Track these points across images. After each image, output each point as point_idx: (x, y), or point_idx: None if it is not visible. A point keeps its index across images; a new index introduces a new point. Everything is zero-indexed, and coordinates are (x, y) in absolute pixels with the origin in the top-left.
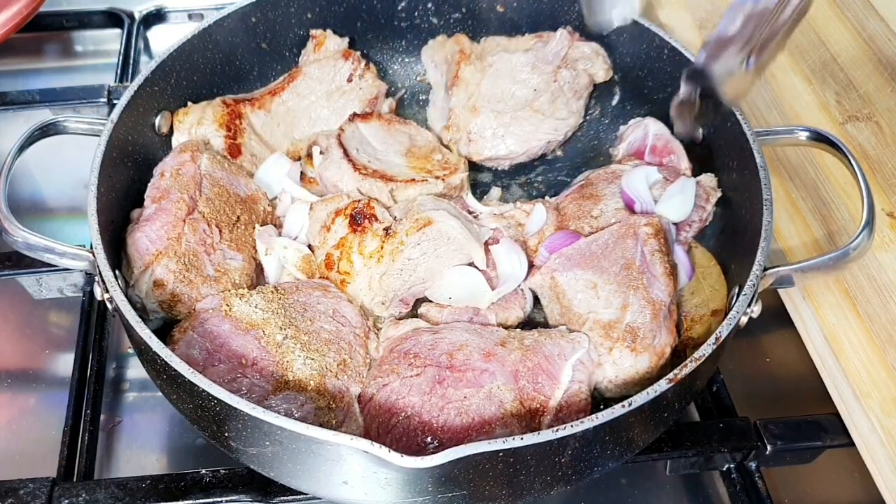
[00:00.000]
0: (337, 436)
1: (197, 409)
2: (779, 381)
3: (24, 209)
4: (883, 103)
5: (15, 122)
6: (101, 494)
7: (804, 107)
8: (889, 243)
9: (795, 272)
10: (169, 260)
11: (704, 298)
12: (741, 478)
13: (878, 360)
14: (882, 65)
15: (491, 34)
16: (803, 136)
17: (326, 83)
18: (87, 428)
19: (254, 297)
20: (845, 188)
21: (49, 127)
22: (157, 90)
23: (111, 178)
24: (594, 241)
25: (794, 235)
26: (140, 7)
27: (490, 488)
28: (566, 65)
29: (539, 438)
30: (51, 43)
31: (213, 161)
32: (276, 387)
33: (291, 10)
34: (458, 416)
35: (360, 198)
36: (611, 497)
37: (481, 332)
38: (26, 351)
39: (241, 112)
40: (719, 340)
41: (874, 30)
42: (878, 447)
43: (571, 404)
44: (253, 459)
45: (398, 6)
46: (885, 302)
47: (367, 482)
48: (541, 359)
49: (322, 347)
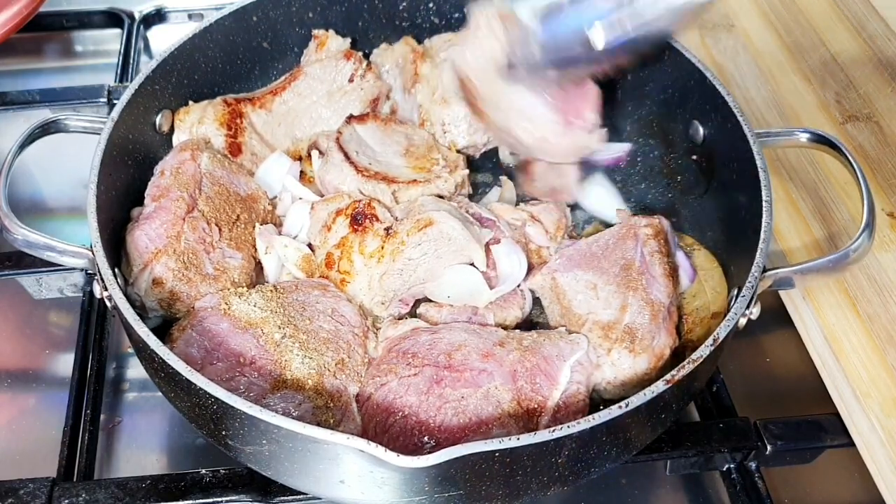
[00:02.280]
0: (334, 435)
1: (195, 408)
2: (779, 381)
3: (24, 209)
4: (883, 103)
5: (15, 122)
6: (101, 494)
7: (804, 107)
8: (889, 243)
9: (795, 274)
10: (168, 258)
11: (706, 301)
12: (741, 478)
13: (878, 360)
14: (882, 65)
15: None
16: (804, 137)
17: (328, 83)
18: (87, 428)
19: (253, 296)
20: (845, 188)
21: (50, 125)
22: (158, 89)
23: (111, 176)
24: (595, 242)
25: (795, 236)
26: (140, 7)
27: (487, 488)
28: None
29: (536, 439)
30: (51, 43)
31: (214, 160)
32: (274, 385)
33: (293, 10)
34: (456, 416)
35: (360, 198)
36: (611, 497)
37: (480, 332)
38: (26, 351)
39: (242, 111)
40: (717, 342)
41: (874, 30)
42: (878, 447)
43: (569, 405)
44: (250, 458)
45: (399, 6)
46: (885, 302)
47: (364, 481)
48: (539, 359)
49: (320, 346)
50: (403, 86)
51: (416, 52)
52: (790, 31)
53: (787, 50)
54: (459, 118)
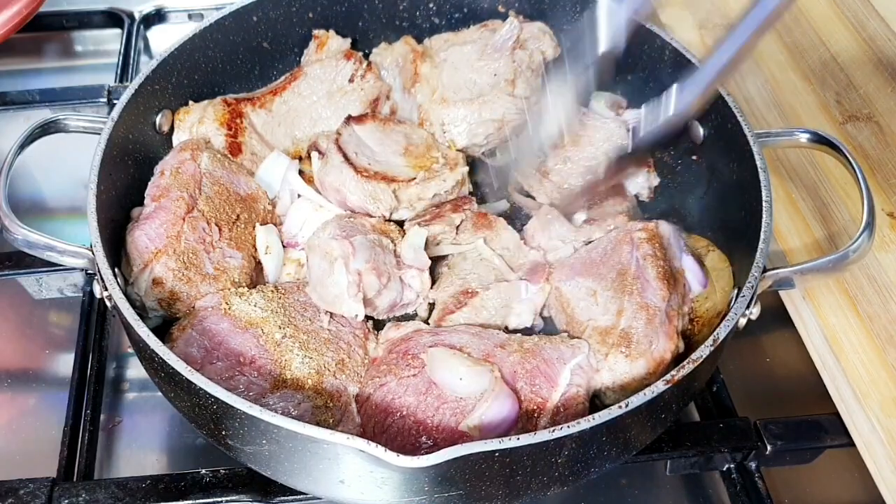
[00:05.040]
0: (333, 435)
1: (195, 408)
2: (779, 381)
3: (24, 209)
4: (883, 103)
5: (15, 122)
6: (101, 494)
7: (804, 107)
8: (889, 243)
9: (795, 274)
10: (168, 258)
11: (715, 302)
12: (741, 478)
13: (878, 360)
14: (882, 65)
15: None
16: (804, 137)
17: (328, 83)
18: (87, 428)
19: (253, 296)
20: (845, 188)
21: (50, 125)
22: (158, 88)
23: (111, 176)
24: (594, 248)
25: (795, 236)
26: (140, 7)
27: (487, 488)
28: (519, 46)
29: (535, 439)
30: (51, 43)
31: (214, 159)
32: (274, 385)
33: (293, 10)
34: (454, 417)
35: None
36: (611, 497)
37: (482, 334)
38: (26, 351)
39: (243, 111)
40: (717, 342)
41: (874, 30)
42: (878, 447)
43: (569, 407)
44: (250, 458)
45: (399, 6)
46: (885, 302)
47: (364, 481)
48: (539, 361)
49: (321, 347)
50: (403, 85)
51: (415, 52)
52: (790, 31)
53: (787, 50)
54: (459, 118)
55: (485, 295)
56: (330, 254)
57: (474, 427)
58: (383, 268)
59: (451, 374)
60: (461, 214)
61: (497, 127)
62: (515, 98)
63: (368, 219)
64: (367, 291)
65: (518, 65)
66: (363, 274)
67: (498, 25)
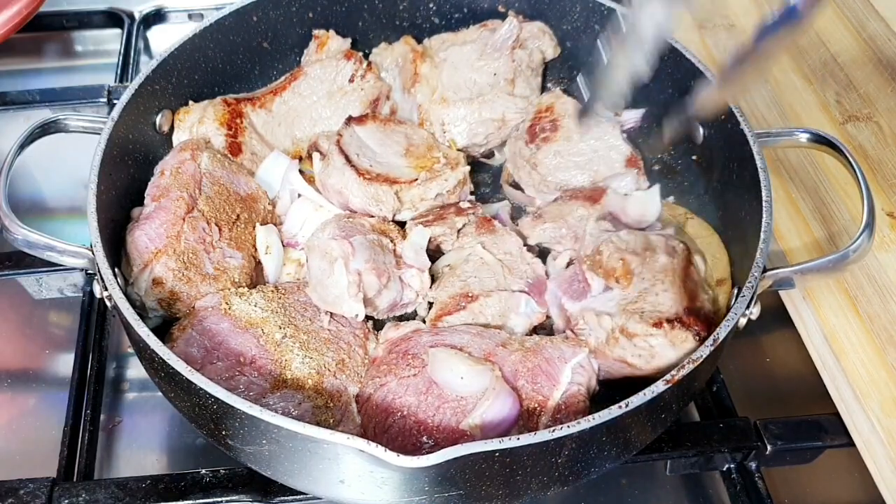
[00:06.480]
0: (333, 435)
1: (195, 408)
2: (779, 381)
3: (24, 209)
4: (883, 103)
5: (15, 122)
6: (101, 494)
7: (804, 107)
8: (889, 243)
9: (795, 274)
10: (168, 258)
11: (707, 269)
12: (741, 478)
13: (878, 360)
14: (882, 65)
15: None
16: (804, 137)
17: (328, 83)
18: (87, 428)
19: (253, 296)
20: (845, 188)
21: (50, 125)
22: (158, 88)
23: (111, 176)
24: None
25: (795, 236)
26: (140, 7)
27: (487, 488)
28: (519, 45)
29: (535, 439)
30: (51, 43)
31: (214, 159)
32: (274, 385)
33: (293, 10)
34: (455, 416)
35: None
36: (611, 497)
37: (483, 333)
38: (26, 351)
39: (243, 111)
40: (717, 342)
41: (874, 30)
42: (878, 447)
43: (569, 406)
44: (250, 458)
45: (399, 6)
46: (885, 302)
47: (364, 481)
48: (541, 360)
49: (321, 347)
50: (403, 85)
51: (415, 52)
52: None
53: (787, 50)
54: (459, 118)
55: (484, 301)
56: (330, 254)
57: (475, 426)
58: (383, 268)
59: (452, 373)
60: (464, 218)
61: (497, 126)
62: (515, 97)
63: (368, 218)
64: (367, 291)
65: (518, 64)
66: (363, 274)
67: (497, 25)
